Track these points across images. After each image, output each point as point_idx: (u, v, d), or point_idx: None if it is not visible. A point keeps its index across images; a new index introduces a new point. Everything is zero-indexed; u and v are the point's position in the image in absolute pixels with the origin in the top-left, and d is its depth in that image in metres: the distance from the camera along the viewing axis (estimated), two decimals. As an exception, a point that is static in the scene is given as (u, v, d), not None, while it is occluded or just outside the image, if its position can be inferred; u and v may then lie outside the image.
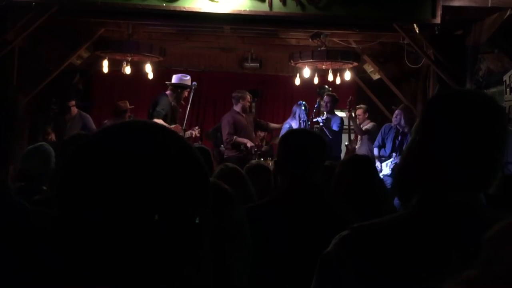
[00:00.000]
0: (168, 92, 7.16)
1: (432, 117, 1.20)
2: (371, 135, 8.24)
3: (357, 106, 8.91)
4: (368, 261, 1.08)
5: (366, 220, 1.19)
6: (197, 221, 0.74)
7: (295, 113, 7.57)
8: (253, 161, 4.07)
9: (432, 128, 1.18)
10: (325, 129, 7.44)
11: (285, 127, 7.54)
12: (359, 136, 8.59)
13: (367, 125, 8.38)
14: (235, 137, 7.15)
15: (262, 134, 8.80)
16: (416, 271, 1.07)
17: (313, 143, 2.26)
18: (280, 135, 7.06)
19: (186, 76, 7.29)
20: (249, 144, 7.15)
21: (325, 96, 7.76)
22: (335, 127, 7.64)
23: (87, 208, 0.71)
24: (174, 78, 7.22)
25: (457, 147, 1.13)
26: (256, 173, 3.67)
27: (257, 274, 1.64)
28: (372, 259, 1.08)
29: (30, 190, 3.18)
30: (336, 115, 8.01)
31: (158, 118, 6.79)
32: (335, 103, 7.99)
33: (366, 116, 8.63)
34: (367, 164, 3.03)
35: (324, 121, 7.46)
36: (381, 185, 2.95)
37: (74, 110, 7.81)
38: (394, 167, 6.94)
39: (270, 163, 5.65)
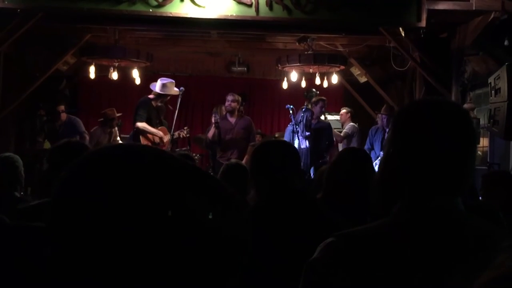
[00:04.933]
0: (150, 96, 7.11)
1: (403, 127, 1.22)
2: (350, 138, 8.29)
3: (342, 108, 8.97)
4: (354, 268, 1.10)
5: (359, 211, 1.20)
6: None
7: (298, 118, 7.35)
8: (233, 160, 4.16)
9: (404, 138, 1.20)
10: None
11: (289, 129, 7.37)
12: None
13: (347, 128, 8.37)
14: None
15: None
16: (401, 276, 1.09)
17: (288, 151, 2.40)
18: (284, 138, 7.00)
19: (165, 80, 7.09)
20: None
21: (320, 102, 7.54)
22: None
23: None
24: (158, 84, 7.09)
25: (430, 155, 1.16)
26: (235, 172, 3.77)
27: (250, 281, 1.64)
28: (358, 265, 1.10)
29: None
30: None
31: (141, 121, 6.85)
32: None
33: (348, 116, 8.63)
34: (365, 156, 3.06)
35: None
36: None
37: (64, 115, 7.79)
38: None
39: None
